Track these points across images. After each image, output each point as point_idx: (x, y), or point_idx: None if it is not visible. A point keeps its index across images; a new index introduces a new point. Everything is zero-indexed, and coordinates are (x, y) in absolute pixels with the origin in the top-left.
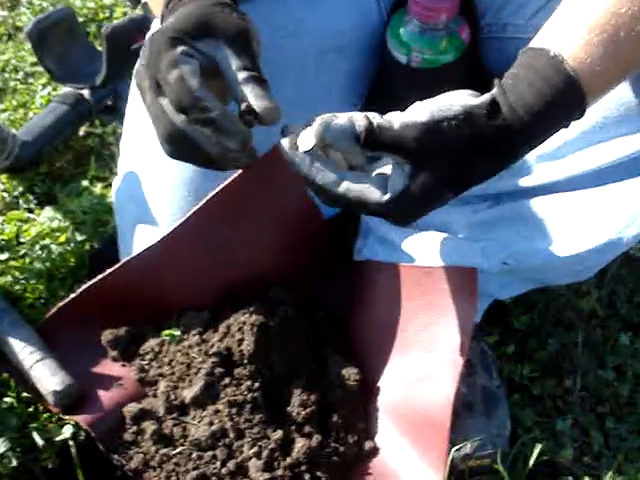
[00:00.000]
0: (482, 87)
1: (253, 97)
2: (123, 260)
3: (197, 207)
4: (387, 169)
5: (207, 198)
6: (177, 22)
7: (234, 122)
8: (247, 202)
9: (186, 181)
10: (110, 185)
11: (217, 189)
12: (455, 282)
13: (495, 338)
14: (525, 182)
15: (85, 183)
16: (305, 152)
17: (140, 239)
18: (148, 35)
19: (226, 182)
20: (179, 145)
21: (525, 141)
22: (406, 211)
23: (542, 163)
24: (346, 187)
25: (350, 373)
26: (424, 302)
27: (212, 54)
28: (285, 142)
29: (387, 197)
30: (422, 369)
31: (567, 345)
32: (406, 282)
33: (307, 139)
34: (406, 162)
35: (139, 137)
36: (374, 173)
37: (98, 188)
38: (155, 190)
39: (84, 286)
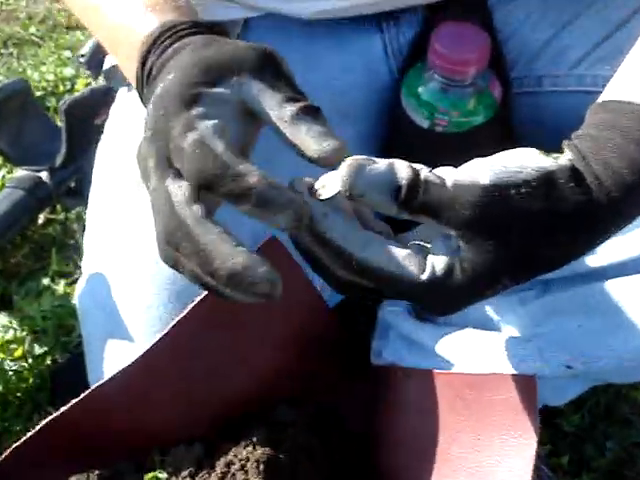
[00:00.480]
0: None
1: (312, 138)
2: (92, 386)
3: (181, 316)
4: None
5: (192, 304)
6: (182, 75)
7: (281, 191)
8: (241, 306)
9: (166, 283)
10: (76, 281)
11: (204, 293)
12: (509, 393)
13: (547, 448)
14: (583, 264)
15: (46, 281)
16: (323, 200)
17: (111, 357)
18: (113, 108)
19: None
20: (182, 249)
21: (613, 219)
22: (447, 299)
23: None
24: (374, 252)
25: None
26: (469, 418)
27: (239, 98)
28: (299, 184)
29: (425, 276)
30: None
31: (627, 447)
32: (444, 393)
33: (330, 184)
34: (456, 234)
35: (106, 229)
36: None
37: (61, 286)
38: (127, 295)
39: (45, 421)
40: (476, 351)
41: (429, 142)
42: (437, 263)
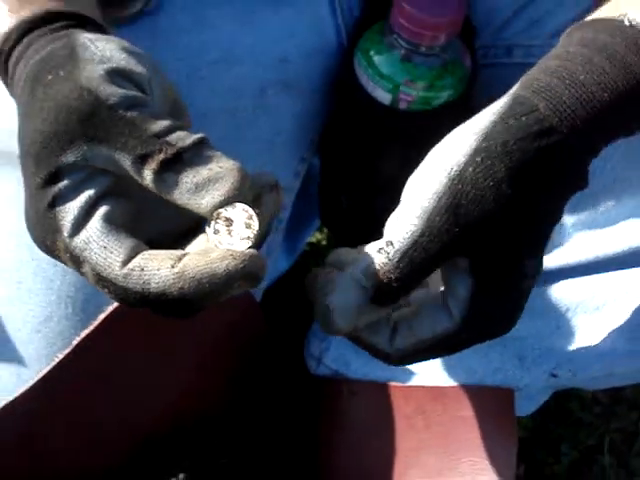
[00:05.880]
0: None
1: (189, 194)
2: None
3: (88, 331)
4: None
5: (102, 317)
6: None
7: None
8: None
9: (70, 290)
10: None
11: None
12: (481, 408)
13: None
14: (559, 259)
15: None
16: None
17: None
18: None
19: None
20: None
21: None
22: (491, 320)
23: (582, 232)
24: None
25: None
26: (432, 438)
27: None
28: None
29: (458, 315)
30: None
31: (582, 450)
32: (401, 409)
33: None
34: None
35: None
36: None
37: None
38: (15, 307)
39: None
40: (442, 359)
41: (388, 121)
42: (459, 295)
